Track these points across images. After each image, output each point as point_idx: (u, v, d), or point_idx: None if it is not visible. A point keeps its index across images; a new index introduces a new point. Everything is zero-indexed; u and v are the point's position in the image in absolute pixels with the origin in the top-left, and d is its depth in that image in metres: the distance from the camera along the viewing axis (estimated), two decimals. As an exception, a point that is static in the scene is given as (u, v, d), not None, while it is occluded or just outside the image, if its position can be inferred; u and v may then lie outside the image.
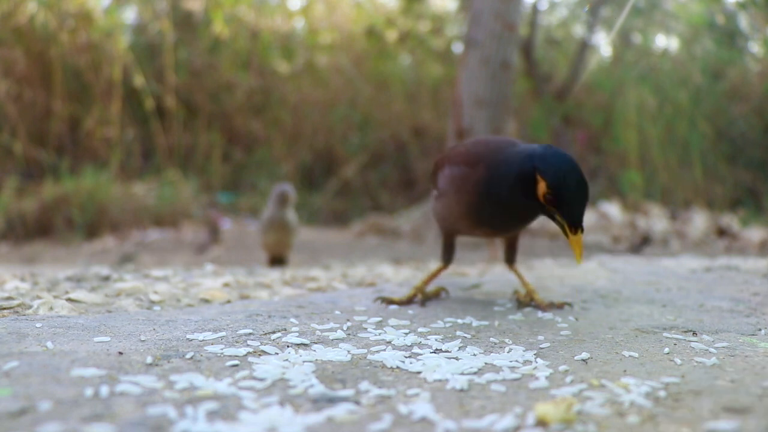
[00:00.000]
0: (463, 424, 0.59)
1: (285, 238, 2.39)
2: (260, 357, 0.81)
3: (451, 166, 1.15)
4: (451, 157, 1.17)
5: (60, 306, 1.11)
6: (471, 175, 1.09)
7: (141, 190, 4.94)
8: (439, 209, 1.22)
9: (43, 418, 0.57)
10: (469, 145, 1.18)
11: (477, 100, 3.18)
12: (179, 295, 1.32)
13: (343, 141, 6.76)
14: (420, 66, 7.41)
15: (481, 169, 1.07)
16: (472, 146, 1.17)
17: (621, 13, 6.76)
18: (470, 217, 1.13)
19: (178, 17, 6.36)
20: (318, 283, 1.58)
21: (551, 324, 1.07)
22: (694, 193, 6.00)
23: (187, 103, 6.22)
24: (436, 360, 0.80)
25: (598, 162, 7.00)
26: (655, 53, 7.36)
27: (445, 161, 1.19)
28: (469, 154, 1.13)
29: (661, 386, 0.71)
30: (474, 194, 1.09)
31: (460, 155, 1.15)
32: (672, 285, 1.58)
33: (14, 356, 0.76)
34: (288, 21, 7.28)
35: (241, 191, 6.12)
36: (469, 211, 1.12)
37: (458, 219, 1.16)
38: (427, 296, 1.26)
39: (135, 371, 0.73)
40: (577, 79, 6.67)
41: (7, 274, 1.60)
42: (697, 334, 1.01)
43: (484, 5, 3.24)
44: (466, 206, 1.12)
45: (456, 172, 1.13)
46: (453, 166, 1.14)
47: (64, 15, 5.80)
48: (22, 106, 5.53)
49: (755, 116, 6.37)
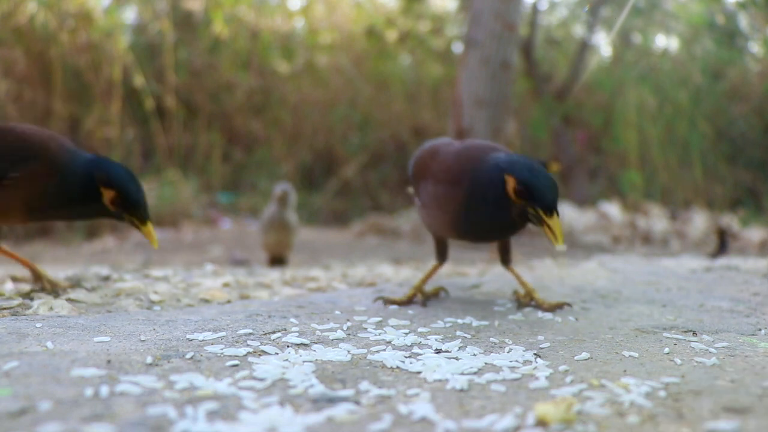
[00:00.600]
0: (463, 424, 0.59)
1: (285, 238, 2.39)
2: (260, 357, 0.81)
3: (435, 184, 1.16)
4: (435, 171, 1.17)
5: (60, 306, 1.11)
6: (453, 195, 1.12)
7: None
8: (424, 218, 1.25)
9: (43, 418, 0.57)
10: (451, 159, 1.16)
11: (477, 100, 3.18)
12: (179, 295, 1.32)
13: (343, 141, 6.77)
14: (420, 66, 7.41)
15: (462, 188, 1.10)
16: (454, 160, 1.15)
17: (621, 13, 6.76)
18: (455, 230, 1.17)
19: (178, 17, 6.36)
20: (318, 283, 1.58)
21: (551, 324, 1.07)
22: (694, 193, 5.99)
23: (187, 103, 6.22)
24: (436, 360, 0.80)
25: (598, 162, 7.00)
26: (655, 53, 7.36)
27: (428, 173, 1.18)
28: (450, 170, 1.14)
29: (661, 386, 0.71)
30: (456, 213, 1.12)
31: (442, 171, 1.15)
32: (672, 285, 1.58)
33: (14, 356, 0.76)
34: (288, 21, 7.28)
35: (241, 191, 6.12)
36: (453, 225, 1.15)
37: (443, 230, 1.21)
38: (427, 296, 1.27)
39: (135, 371, 0.73)
40: (577, 79, 6.67)
41: (7, 274, 1.60)
42: (697, 334, 1.01)
43: (484, 5, 3.24)
44: (450, 222, 1.15)
45: (440, 191, 1.14)
46: (437, 184, 1.15)
47: (64, 15, 5.80)
48: (22, 106, 5.53)
49: (755, 116, 6.37)
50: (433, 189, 1.16)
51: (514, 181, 1.03)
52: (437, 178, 1.15)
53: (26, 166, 1.10)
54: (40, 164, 1.11)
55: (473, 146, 1.19)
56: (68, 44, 5.76)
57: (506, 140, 3.37)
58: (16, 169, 1.09)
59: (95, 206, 1.15)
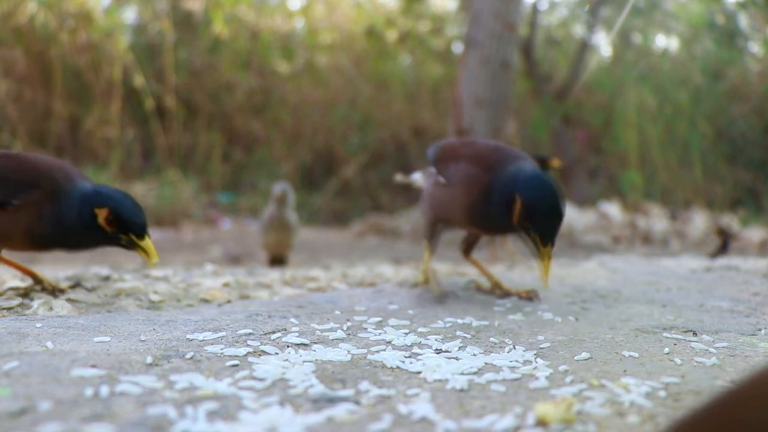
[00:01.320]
0: (463, 424, 0.59)
1: (285, 238, 2.39)
2: (260, 357, 0.81)
3: (468, 164, 1.22)
4: (470, 155, 1.24)
5: (60, 306, 1.11)
6: (482, 179, 1.19)
7: (141, 190, 4.94)
8: (439, 195, 1.30)
9: (43, 418, 0.57)
10: (484, 148, 1.25)
11: (477, 100, 3.18)
12: (179, 295, 1.32)
13: (343, 141, 6.77)
14: (420, 66, 7.41)
15: (490, 176, 1.17)
16: (489, 151, 1.23)
17: (621, 13, 6.76)
18: (467, 213, 1.22)
19: (178, 17, 6.36)
20: (318, 283, 1.58)
21: (551, 324, 1.07)
22: (694, 193, 5.99)
23: (187, 103, 6.22)
24: (436, 360, 0.80)
25: (598, 162, 7.00)
26: (655, 53, 7.36)
27: (461, 157, 1.25)
28: (483, 157, 1.22)
29: (661, 386, 0.71)
30: (479, 195, 1.18)
31: (477, 156, 1.23)
32: (672, 285, 1.58)
33: (14, 356, 0.76)
34: (288, 21, 7.28)
35: (241, 191, 6.12)
36: (470, 207, 1.21)
37: (457, 210, 1.25)
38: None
39: (135, 371, 0.73)
40: (577, 79, 6.67)
41: (7, 274, 1.60)
42: (697, 334, 1.01)
43: (484, 5, 3.24)
44: (469, 204, 1.21)
45: (471, 171, 1.21)
46: (469, 165, 1.22)
47: (64, 15, 5.80)
48: (22, 106, 5.53)
49: (755, 116, 6.37)
50: (465, 168, 1.23)
51: (521, 203, 1.09)
52: (472, 161, 1.23)
53: (29, 194, 1.14)
54: (42, 193, 1.15)
55: (507, 147, 1.28)
56: (68, 44, 5.76)
57: (506, 140, 3.38)
58: (18, 197, 1.14)
59: (93, 233, 1.17)
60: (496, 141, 1.31)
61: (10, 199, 1.14)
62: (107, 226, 1.15)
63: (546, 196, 1.08)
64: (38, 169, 1.18)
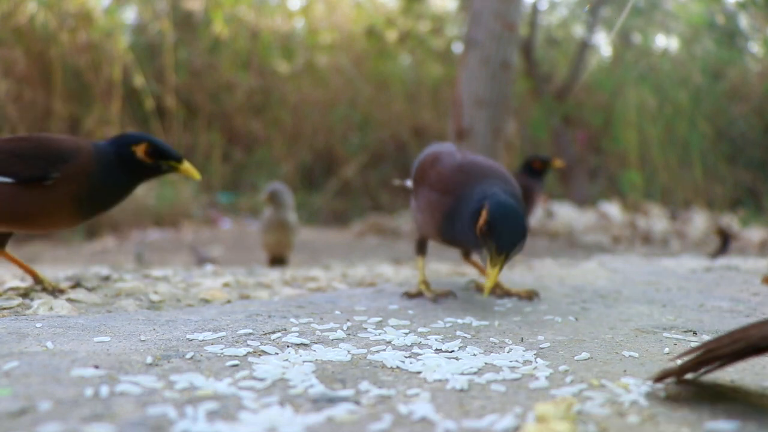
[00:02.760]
0: (463, 424, 0.59)
1: (285, 238, 2.39)
2: (260, 357, 0.81)
3: (430, 191, 1.28)
4: (432, 180, 1.28)
5: (60, 306, 1.11)
6: (443, 203, 1.24)
7: (141, 190, 4.94)
8: (417, 219, 1.39)
9: (43, 418, 0.57)
10: (447, 171, 1.27)
11: (477, 100, 3.18)
12: (179, 295, 1.32)
13: (343, 141, 6.77)
14: (420, 66, 7.41)
15: (450, 200, 1.22)
16: (450, 174, 1.26)
17: (621, 13, 6.76)
18: (438, 234, 1.30)
19: (178, 17, 6.36)
20: (318, 283, 1.58)
21: (551, 324, 1.07)
22: (694, 193, 5.99)
23: (187, 103, 6.22)
24: (436, 360, 0.80)
25: (598, 162, 7.01)
26: (655, 53, 7.36)
27: (426, 181, 1.30)
28: (443, 181, 1.26)
29: (661, 386, 0.71)
30: (441, 220, 1.25)
31: (439, 182, 1.26)
32: (672, 285, 1.58)
33: (14, 356, 0.76)
34: (288, 21, 7.28)
35: (241, 191, 6.12)
36: (437, 230, 1.28)
37: (429, 232, 1.34)
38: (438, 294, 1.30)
39: (135, 371, 0.73)
40: (577, 79, 6.67)
41: (8, 274, 1.60)
42: (697, 334, 1.01)
43: (484, 5, 3.23)
44: (435, 227, 1.28)
45: (433, 198, 1.27)
46: (432, 192, 1.27)
47: (64, 15, 5.80)
48: (22, 106, 5.53)
49: (755, 116, 6.37)
50: (428, 195, 1.29)
51: (485, 215, 1.10)
52: (433, 186, 1.28)
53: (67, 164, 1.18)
54: (78, 162, 1.19)
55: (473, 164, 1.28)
56: (68, 44, 5.76)
57: (506, 140, 3.38)
58: (57, 169, 1.17)
59: (136, 171, 1.25)
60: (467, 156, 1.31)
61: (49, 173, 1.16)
62: (147, 159, 1.24)
63: (508, 214, 1.10)
64: (59, 140, 1.22)
